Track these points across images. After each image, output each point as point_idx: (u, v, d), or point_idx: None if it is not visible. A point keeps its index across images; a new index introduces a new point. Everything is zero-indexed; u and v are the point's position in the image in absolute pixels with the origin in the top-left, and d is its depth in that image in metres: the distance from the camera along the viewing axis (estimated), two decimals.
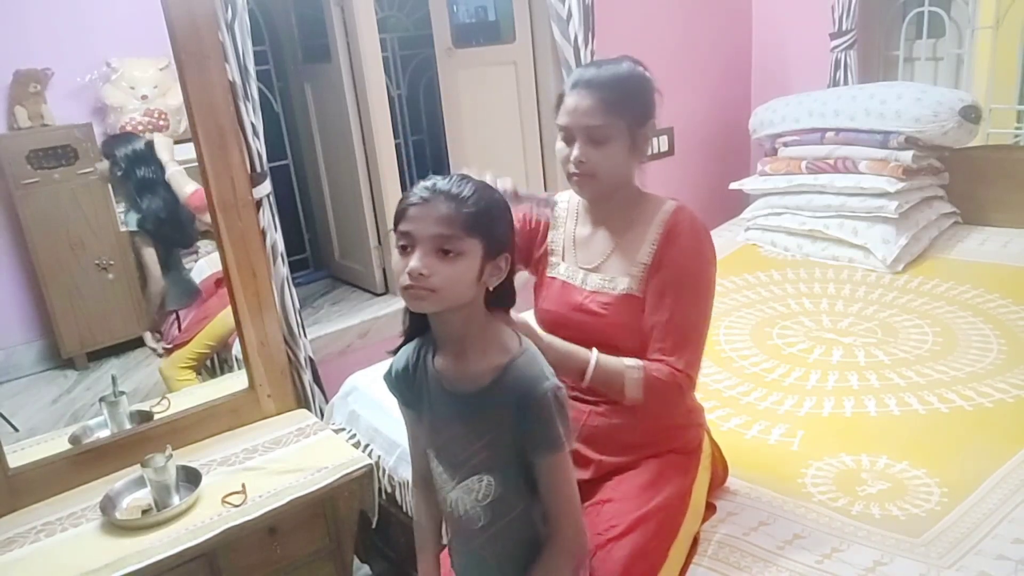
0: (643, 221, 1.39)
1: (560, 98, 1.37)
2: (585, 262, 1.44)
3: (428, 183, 1.04)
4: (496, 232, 1.05)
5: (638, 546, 1.26)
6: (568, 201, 1.50)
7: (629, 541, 1.27)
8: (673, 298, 1.33)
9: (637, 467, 1.40)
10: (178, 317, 2.19)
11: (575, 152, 1.33)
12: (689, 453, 1.45)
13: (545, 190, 1.88)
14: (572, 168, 1.35)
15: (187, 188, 2.06)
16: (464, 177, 1.06)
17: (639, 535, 1.28)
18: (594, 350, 1.31)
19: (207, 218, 1.94)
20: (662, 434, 1.42)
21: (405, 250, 1.03)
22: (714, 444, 1.55)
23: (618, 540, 1.27)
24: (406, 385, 1.19)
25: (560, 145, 1.37)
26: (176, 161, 2.08)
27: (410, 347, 1.19)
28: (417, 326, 1.16)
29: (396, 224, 1.05)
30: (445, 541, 1.29)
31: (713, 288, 1.38)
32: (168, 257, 2.15)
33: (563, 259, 1.47)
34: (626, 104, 1.32)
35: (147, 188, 2.07)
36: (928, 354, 2.08)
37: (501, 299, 1.11)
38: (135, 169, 2.04)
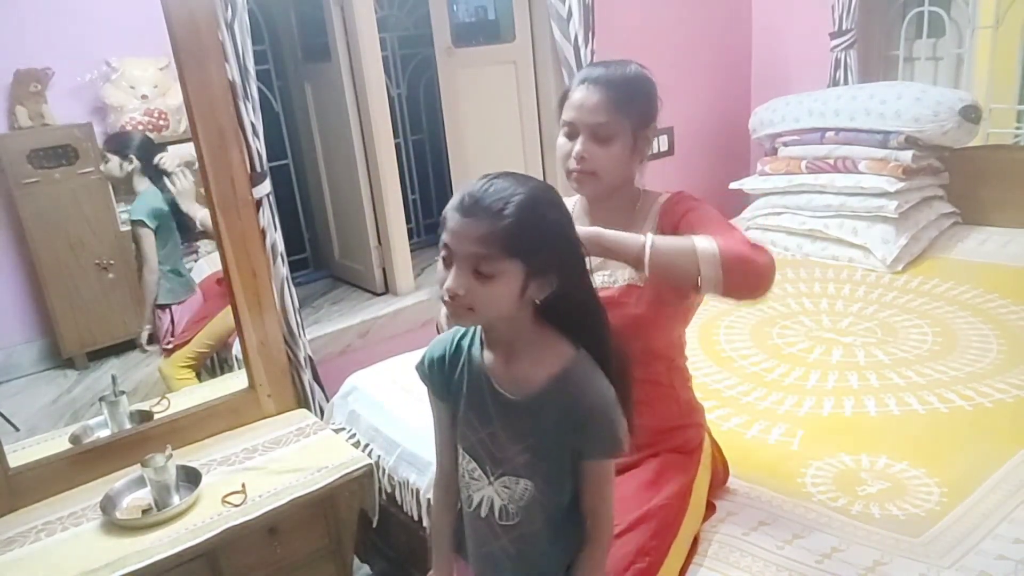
0: (641, 217, 1.40)
1: (565, 94, 1.37)
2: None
3: (473, 190, 0.98)
4: (541, 252, 0.97)
5: (639, 545, 1.26)
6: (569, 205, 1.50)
7: (630, 540, 1.27)
8: (701, 222, 1.31)
9: (638, 466, 1.40)
10: (172, 313, 2.17)
11: (577, 147, 1.33)
12: (689, 452, 1.45)
13: None
14: (572, 164, 1.34)
15: (199, 214, 2.07)
16: (518, 182, 0.98)
17: (639, 534, 1.28)
18: (649, 234, 1.24)
19: None
20: (662, 434, 1.43)
21: (446, 261, 0.99)
22: (715, 444, 1.55)
23: (619, 538, 1.26)
24: (441, 376, 1.13)
25: (562, 140, 1.37)
26: (183, 172, 2.09)
27: (448, 336, 1.14)
28: None
29: (440, 228, 1.00)
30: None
31: None
32: (167, 250, 2.14)
33: None
34: (632, 104, 1.33)
35: (154, 181, 2.08)
36: (928, 354, 2.08)
37: (559, 316, 1.05)
38: (148, 161, 2.05)
